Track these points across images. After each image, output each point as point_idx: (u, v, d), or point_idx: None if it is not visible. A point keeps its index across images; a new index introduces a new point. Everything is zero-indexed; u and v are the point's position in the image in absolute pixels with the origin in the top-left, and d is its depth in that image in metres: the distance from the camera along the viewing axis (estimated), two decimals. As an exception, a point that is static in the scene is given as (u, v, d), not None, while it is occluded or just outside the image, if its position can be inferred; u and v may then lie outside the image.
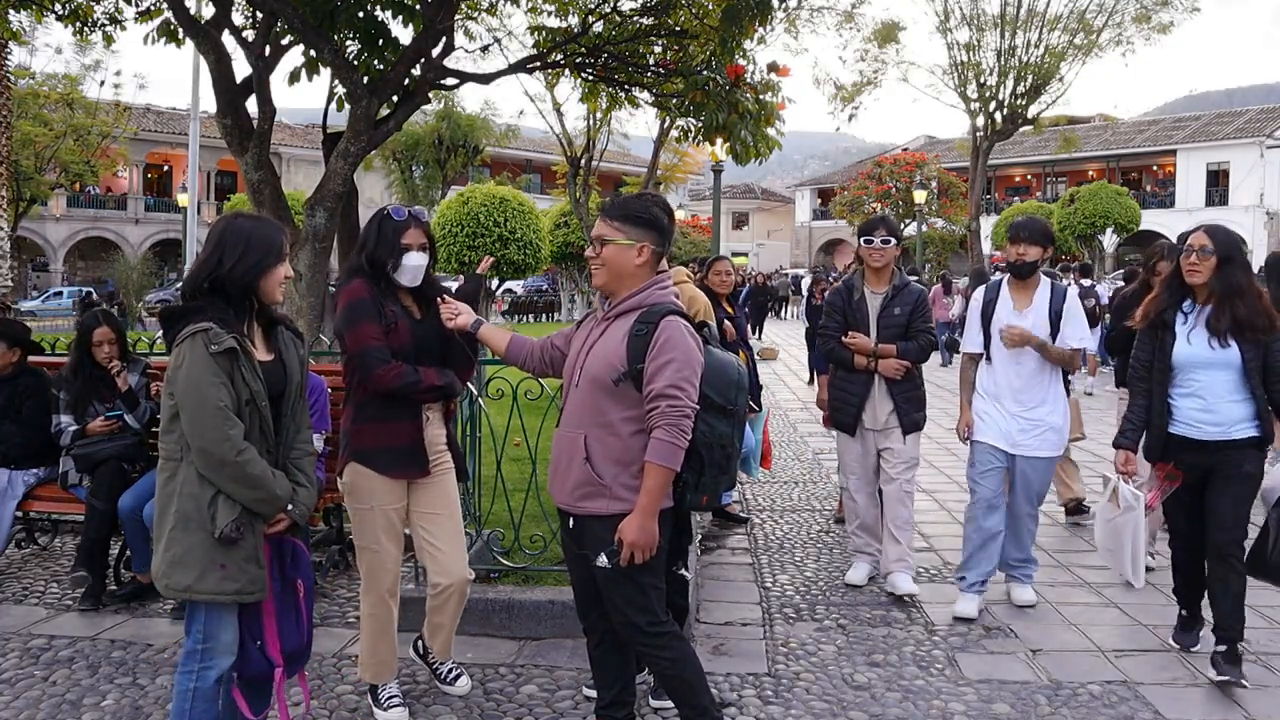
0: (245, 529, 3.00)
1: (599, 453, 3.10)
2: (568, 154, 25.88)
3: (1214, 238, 4.16)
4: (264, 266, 3.07)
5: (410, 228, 3.74)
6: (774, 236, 66.32)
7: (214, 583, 2.97)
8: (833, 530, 6.64)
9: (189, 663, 3.06)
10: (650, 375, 3.02)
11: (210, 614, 3.04)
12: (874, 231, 5.32)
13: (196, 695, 3.04)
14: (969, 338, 5.18)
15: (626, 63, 8.63)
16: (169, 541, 2.98)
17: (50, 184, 33.78)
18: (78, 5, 8.02)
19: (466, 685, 4.04)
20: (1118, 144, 49.76)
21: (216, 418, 2.92)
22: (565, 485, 3.18)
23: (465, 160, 33.94)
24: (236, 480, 2.96)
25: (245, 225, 3.13)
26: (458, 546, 3.89)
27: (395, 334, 3.68)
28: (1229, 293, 4.10)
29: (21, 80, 27.04)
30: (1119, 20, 30.26)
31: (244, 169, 7.57)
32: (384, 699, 3.83)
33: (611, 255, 3.16)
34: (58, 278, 43.73)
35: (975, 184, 33.89)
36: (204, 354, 2.92)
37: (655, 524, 3.03)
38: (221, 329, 2.95)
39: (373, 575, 3.80)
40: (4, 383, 5.49)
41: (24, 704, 3.95)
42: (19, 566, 5.79)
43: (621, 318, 3.15)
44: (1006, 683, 4.19)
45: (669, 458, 2.99)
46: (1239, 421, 4.12)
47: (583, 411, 3.14)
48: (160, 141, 44.91)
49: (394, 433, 3.73)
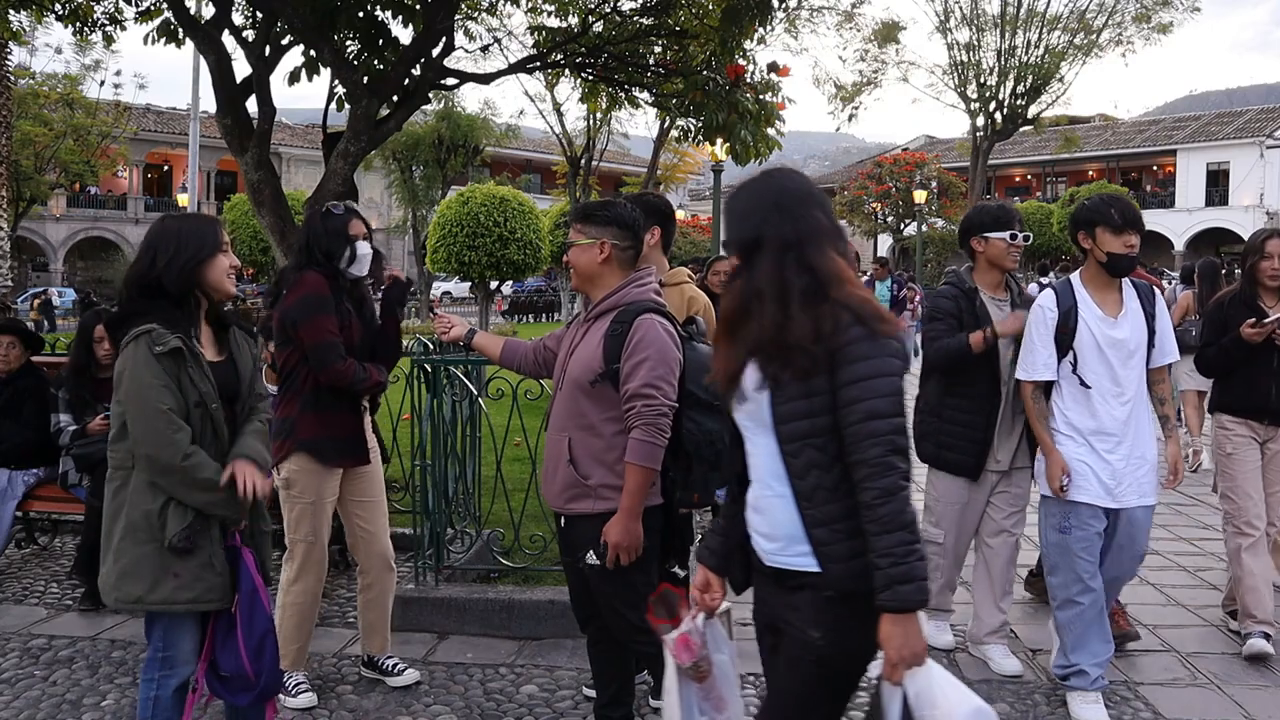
0: (198, 536, 2.92)
1: (582, 454, 3.12)
2: (568, 154, 25.88)
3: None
4: (199, 260, 2.99)
5: (352, 219, 3.94)
6: (774, 236, 66.35)
7: (167, 592, 2.90)
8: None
9: (150, 671, 3.03)
10: (625, 375, 3.03)
11: (170, 624, 2.99)
12: (1012, 223, 4.16)
13: (157, 704, 3.01)
14: (1034, 361, 3.91)
15: (626, 63, 8.64)
16: (117, 552, 2.91)
17: (50, 184, 33.78)
18: (78, 5, 8.02)
19: (414, 676, 4.11)
20: (1118, 144, 49.79)
21: (160, 421, 2.85)
22: (554, 488, 3.21)
23: (465, 160, 33.90)
24: (186, 485, 2.89)
25: (173, 224, 3.09)
26: (384, 529, 4.12)
27: (348, 331, 3.85)
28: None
29: (21, 80, 27.03)
30: (1119, 20, 30.24)
31: (244, 169, 7.56)
32: (293, 686, 3.90)
33: (574, 256, 3.21)
34: (58, 278, 43.73)
35: (975, 184, 33.88)
36: (147, 356, 2.86)
37: (639, 524, 3.04)
38: (166, 330, 2.89)
39: (308, 564, 3.93)
40: (4, 382, 5.50)
41: (24, 704, 3.95)
42: (19, 566, 5.79)
43: (600, 319, 3.16)
44: (1005, 682, 4.19)
45: (647, 457, 3.00)
46: None
47: (566, 414, 3.17)
48: (160, 141, 44.93)
49: (338, 423, 3.89)
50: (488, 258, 15.09)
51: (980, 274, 4.25)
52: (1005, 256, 4.17)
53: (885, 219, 44.31)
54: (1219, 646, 4.60)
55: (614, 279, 3.18)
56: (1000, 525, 4.31)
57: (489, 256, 15.08)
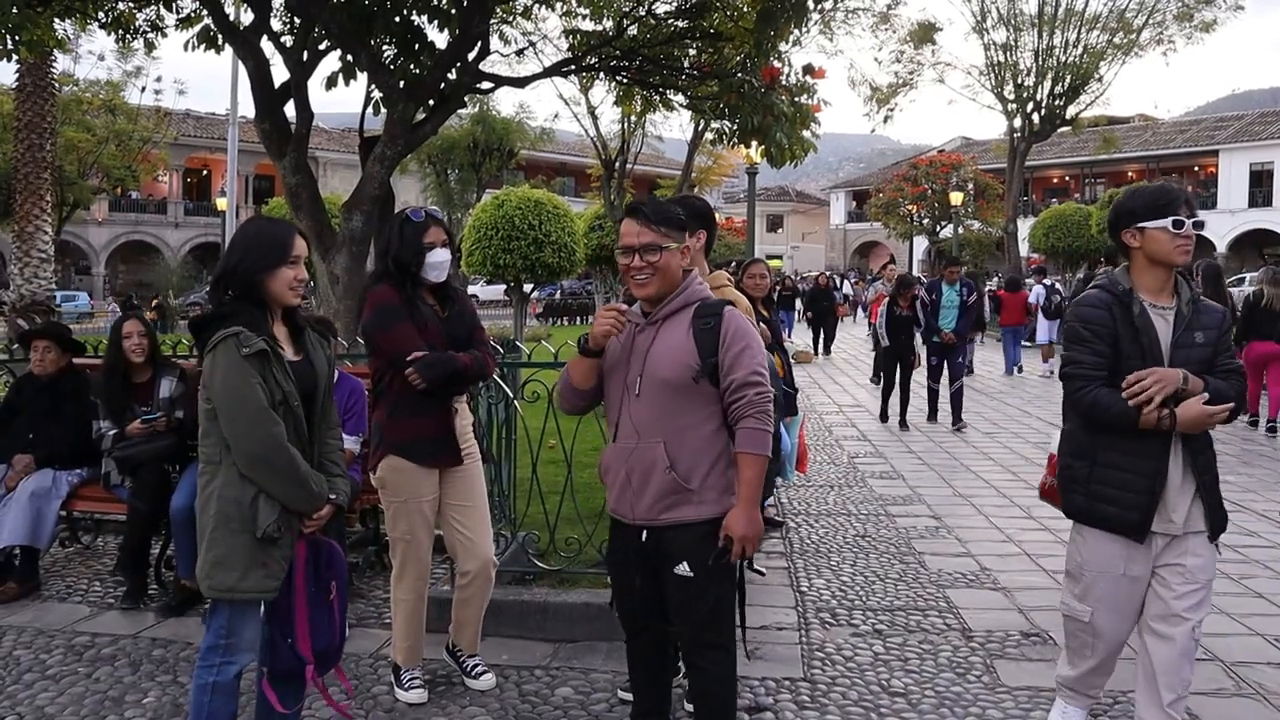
0: (284, 527, 3.05)
1: (683, 457, 3.03)
2: (602, 157, 25.94)
3: None
4: (265, 265, 3.08)
5: (431, 227, 3.94)
6: (809, 239, 66.11)
7: (256, 581, 3.02)
8: (869, 535, 6.59)
9: (209, 658, 3.10)
10: (728, 366, 2.99)
11: (235, 611, 3.08)
12: (1176, 207, 3.30)
13: (215, 690, 3.09)
14: None
15: (661, 65, 8.64)
16: (210, 543, 3.03)
17: (93, 189, 34.29)
18: (120, 13, 8.15)
19: (491, 681, 4.13)
20: (1158, 144, 49.13)
21: (259, 416, 2.97)
22: (642, 500, 3.08)
23: (500, 163, 34.07)
24: (281, 477, 3.01)
25: (252, 226, 3.23)
26: (484, 533, 4.12)
27: (427, 332, 3.87)
28: None
29: (65, 87, 27.47)
30: (1160, 19, 29.81)
31: (282, 173, 7.65)
32: (405, 680, 4.03)
33: (667, 261, 3.08)
34: (99, 281, 44.44)
35: (1012, 186, 33.55)
36: (237, 357, 2.97)
37: (759, 514, 3.02)
38: (251, 332, 3.00)
39: (406, 564, 4.00)
40: (47, 385, 5.58)
41: (68, 700, 4.01)
42: (63, 565, 5.88)
43: (673, 318, 3.10)
44: (1045, 690, 4.13)
45: (764, 445, 2.98)
46: None
47: (657, 417, 3.05)
48: (199, 146, 45.55)
49: (427, 424, 3.92)
50: (523, 261, 15.12)
51: (1139, 274, 3.35)
52: (1171, 251, 3.29)
53: (921, 221, 44.00)
54: (1266, 656, 4.51)
55: (681, 280, 3.15)
56: (1171, 608, 3.28)
57: (524, 259, 15.11)
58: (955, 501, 7.63)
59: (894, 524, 6.90)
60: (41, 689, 4.12)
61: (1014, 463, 9.16)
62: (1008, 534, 6.61)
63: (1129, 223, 3.36)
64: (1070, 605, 3.48)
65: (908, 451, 9.83)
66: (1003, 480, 8.40)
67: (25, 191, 15.19)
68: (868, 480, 8.41)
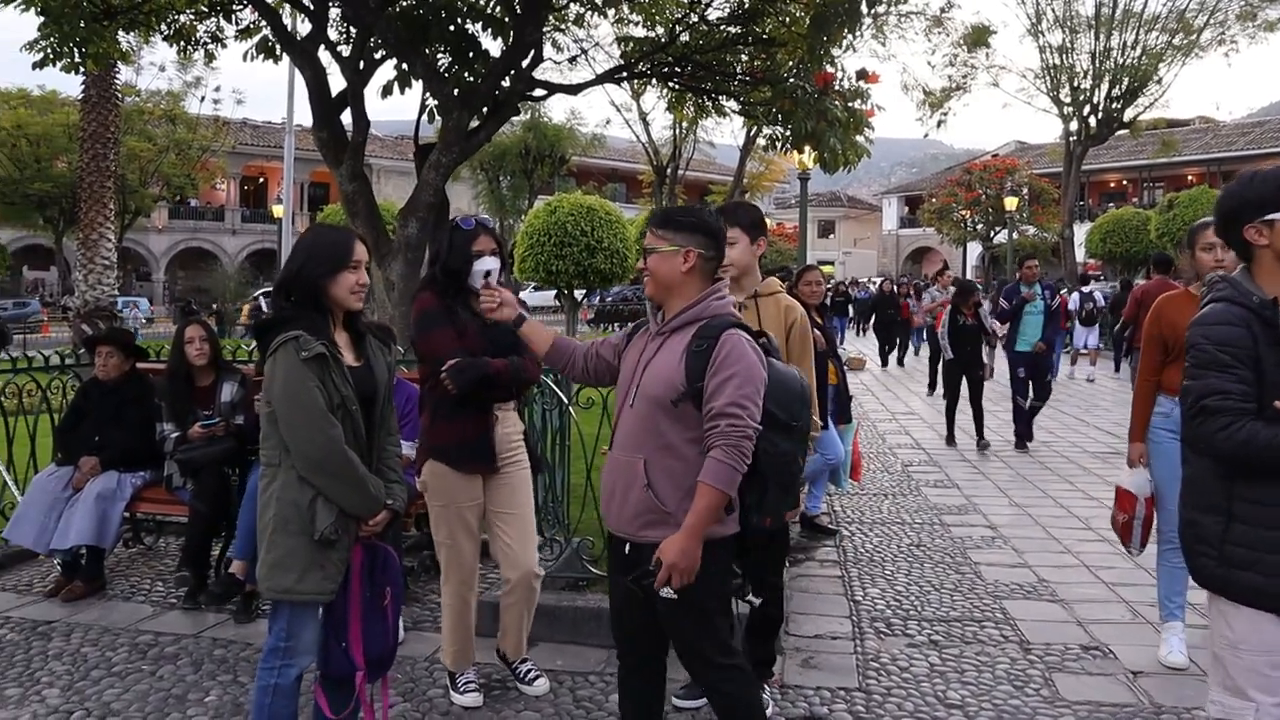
0: (342, 530, 3.08)
1: (661, 478, 2.90)
2: (653, 163, 26.01)
3: None
4: (327, 270, 3.12)
5: (480, 235, 3.97)
6: (860, 244, 65.64)
7: (314, 583, 3.06)
8: (923, 544, 6.52)
9: (271, 660, 3.15)
10: (711, 392, 2.82)
11: (294, 613, 3.12)
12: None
13: (277, 692, 3.12)
14: None
15: (713, 71, 8.64)
16: (270, 545, 3.07)
17: (153, 197, 35.12)
18: (182, 25, 8.33)
19: (545, 686, 4.14)
20: (1219, 147, 48.06)
21: (317, 419, 3.01)
22: (623, 512, 2.99)
23: (551, 170, 34.30)
24: (339, 480, 3.05)
25: (309, 237, 3.28)
26: (527, 543, 4.13)
27: (466, 337, 3.89)
28: None
29: (128, 98, 28.14)
30: (1221, 19, 29.22)
31: (339, 181, 7.76)
32: (460, 684, 4.06)
33: (656, 264, 3.01)
34: (159, 288, 45.40)
35: (1068, 190, 33.06)
36: (296, 360, 3.01)
37: (699, 547, 2.82)
38: (311, 336, 3.04)
39: (449, 568, 4.06)
40: (112, 389, 5.71)
41: (133, 696, 4.10)
42: (126, 565, 6.01)
43: (678, 332, 2.97)
44: (1105, 705, 4.06)
45: (724, 481, 2.78)
46: None
47: (641, 434, 2.95)
48: (256, 155, 46.40)
49: (463, 429, 3.95)
50: (575, 266, 15.20)
51: (1267, 277, 2.67)
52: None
53: (975, 226, 43.49)
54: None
55: (694, 290, 2.99)
56: None
57: (576, 265, 15.19)
58: (1012, 511, 7.52)
59: (949, 533, 6.82)
60: (108, 685, 4.22)
61: (1072, 472, 9.00)
62: (1066, 545, 6.49)
63: (1255, 215, 2.65)
64: (1227, 704, 2.60)
65: (962, 460, 9.72)
66: (1060, 490, 8.26)
67: (90, 200, 15.59)
68: (922, 489, 8.32)
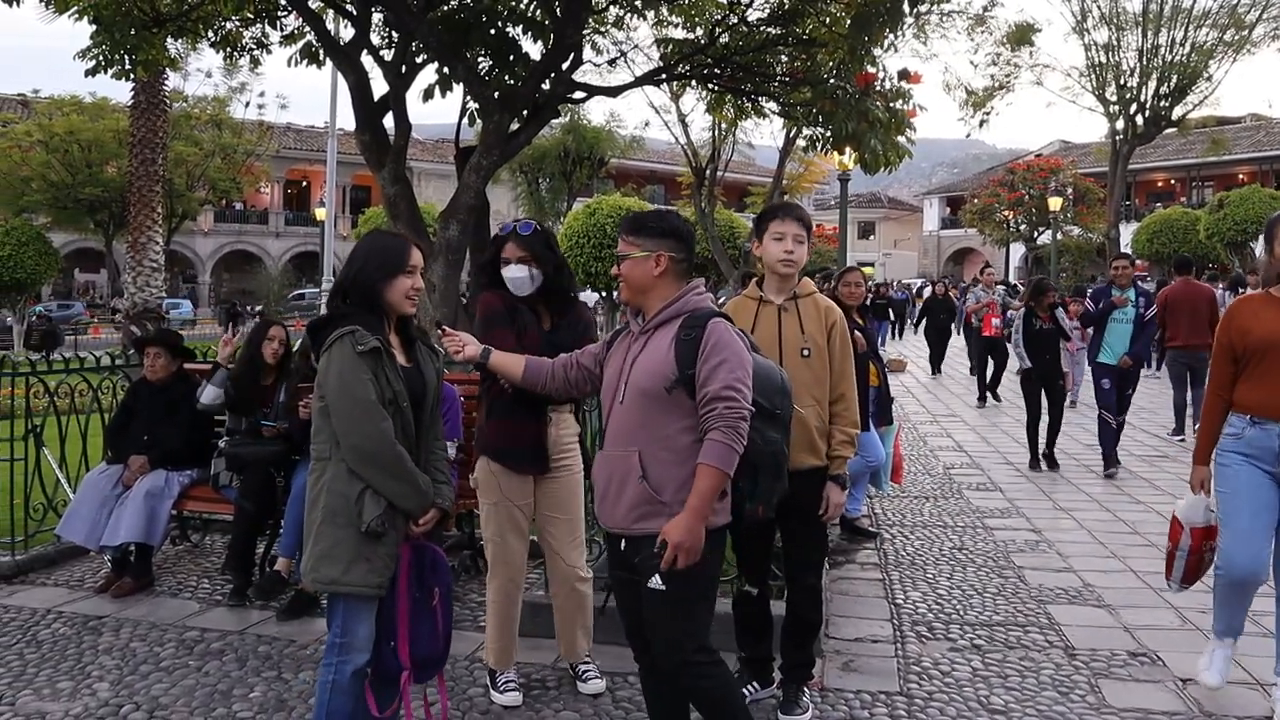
0: (389, 524, 3.11)
1: (656, 468, 2.98)
2: (693, 165, 25.92)
3: None
4: (384, 274, 3.20)
5: (507, 242, 4.01)
6: (901, 246, 65.14)
7: (360, 575, 3.08)
8: (966, 547, 6.46)
9: (329, 656, 3.18)
10: (704, 378, 2.93)
11: (349, 609, 3.15)
12: None
13: (335, 688, 3.15)
14: None
15: (753, 72, 8.62)
16: (317, 536, 3.11)
17: (200, 200, 35.67)
18: (228, 32, 8.46)
19: (599, 687, 4.15)
20: (1272, 145, 47.07)
21: (369, 411, 3.05)
22: (618, 508, 3.05)
23: (590, 172, 34.35)
24: (387, 473, 3.08)
25: (366, 243, 3.34)
26: (573, 547, 4.15)
27: (525, 339, 3.91)
28: None
29: (175, 104, 28.62)
30: (1275, 13, 28.60)
31: (381, 183, 7.84)
32: (500, 683, 4.08)
33: (628, 269, 3.14)
34: (204, 290, 46.12)
35: (1114, 190, 32.54)
36: (351, 354, 3.06)
37: (703, 527, 2.90)
38: (367, 332, 3.10)
39: (496, 565, 4.09)
40: (160, 389, 5.81)
41: (180, 691, 4.17)
42: (173, 562, 6.11)
43: (662, 328, 3.08)
44: (1154, 713, 3.99)
45: (724, 460, 2.89)
46: None
47: (633, 428, 3.04)
48: (299, 158, 47.00)
49: (517, 430, 4.00)
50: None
51: None
52: None
53: (1018, 227, 43.00)
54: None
55: (668, 292, 3.11)
56: None
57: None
58: (1055, 515, 7.43)
59: (992, 537, 6.74)
60: (156, 680, 4.29)
61: (1118, 475, 8.87)
62: (1111, 549, 6.40)
63: None
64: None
65: (1005, 464, 9.60)
66: (1105, 494, 8.14)
67: (139, 204, 15.89)
68: (964, 492, 8.24)
